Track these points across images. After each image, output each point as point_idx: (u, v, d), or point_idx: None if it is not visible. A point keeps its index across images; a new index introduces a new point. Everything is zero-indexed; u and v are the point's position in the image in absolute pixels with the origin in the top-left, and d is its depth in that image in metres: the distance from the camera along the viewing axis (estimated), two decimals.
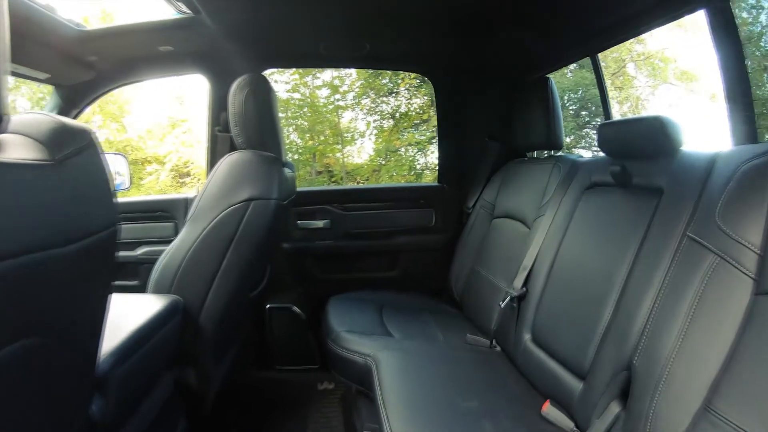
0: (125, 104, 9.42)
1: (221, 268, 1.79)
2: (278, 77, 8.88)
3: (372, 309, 2.40)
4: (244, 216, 1.79)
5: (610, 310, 1.48)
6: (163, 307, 1.64)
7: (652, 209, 1.46)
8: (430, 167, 9.17)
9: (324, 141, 9.28)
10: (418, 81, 8.95)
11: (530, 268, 1.97)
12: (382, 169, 9.11)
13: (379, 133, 9.29)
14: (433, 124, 8.65)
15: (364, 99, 9.22)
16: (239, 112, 1.92)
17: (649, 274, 1.34)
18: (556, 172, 2.16)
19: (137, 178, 9.14)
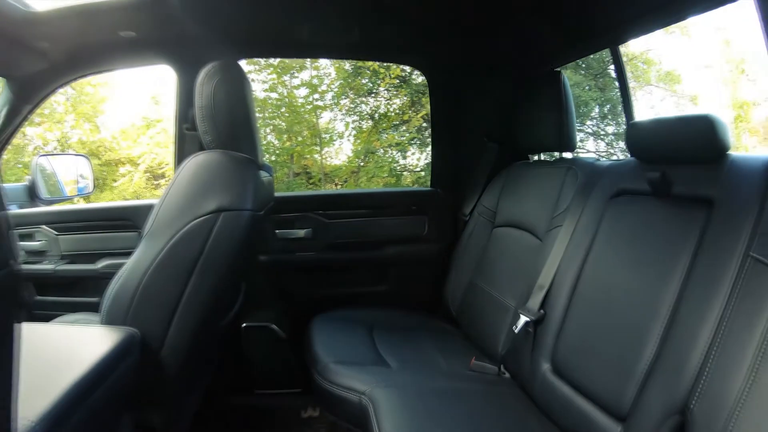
0: (99, 104, 9.24)
1: (185, 294, 1.52)
2: (255, 76, 8.78)
3: (362, 330, 2.16)
4: (211, 231, 1.52)
5: (655, 341, 1.28)
6: (116, 343, 1.38)
7: (701, 223, 1.28)
8: (409, 169, 9.13)
9: (302, 142, 9.17)
10: (398, 81, 8.85)
11: (548, 287, 1.73)
12: (361, 170, 9.04)
13: (358, 134, 9.21)
14: (414, 125, 8.79)
15: (343, 99, 9.14)
16: (207, 105, 1.64)
17: (704, 301, 1.15)
18: (571, 178, 1.94)
19: (110, 180, 9.06)
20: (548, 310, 1.70)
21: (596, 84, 8.75)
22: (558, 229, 1.83)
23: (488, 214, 2.40)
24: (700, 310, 1.16)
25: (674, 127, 1.48)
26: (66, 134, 9.11)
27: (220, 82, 1.65)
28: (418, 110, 8.81)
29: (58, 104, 9.03)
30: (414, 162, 9.14)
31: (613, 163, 1.82)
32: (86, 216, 2.41)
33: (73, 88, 9.04)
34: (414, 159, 9.15)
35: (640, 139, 1.60)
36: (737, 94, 8.48)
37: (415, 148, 9.07)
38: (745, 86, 8.47)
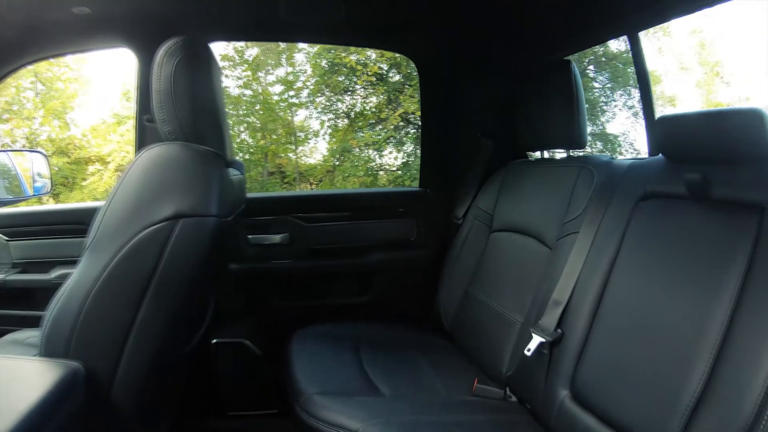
0: (70, 100, 8.89)
1: (137, 319, 1.26)
2: (229, 72, 8.63)
3: (347, 351, 1.93)
4: (167, 242, 1.26)
5: (705, 366, 1.09)
6: (54, 383, 1.12)
7: (753, 233, 1.13)
8: (385, 168, 8.98)
9: (276, 140, 9.03)
10: (375, 79, 8.70)
11: (566, 304, 1.52)
12: (336, 170, 8.91)
13: (333, 132, 9.06)
14: (391, 123, 8.63)
15: (319, 97, 8.97)
16: (166, 89, 1.36)
17: (765, 325, 1.01)
18: (586, 178, 1.74)
19: (79, 179, 8.75)
20: (566, 329, 1.49)
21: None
22: (573, 237, 1.63)
23: (484, 217, 2.20)
24: (762, 333, 1.01)
25: (715, 122, 1.29)
26: (35, 131, 8.81)
27: (183, 61, 1.38)
28: (395, 109, 8.67)
29: (27, 100, 8.73)
30: (391, 161, 9.03)
31: (636, 162, 1.62)
32: (40, 219, 2.20)
33: (42, 83, 8.77)
34: (391, 158, 9.04)
35: (672, 135, 1.40)
36: (711, 96, 8.54)
37: (392, 147, 8.94)
38: (720, 88, 8.54)
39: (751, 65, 7.97)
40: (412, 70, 8.44)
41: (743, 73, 8.28)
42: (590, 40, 2.22)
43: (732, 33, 8.32)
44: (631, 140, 9.09)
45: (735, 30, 8.37)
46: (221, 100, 1.59)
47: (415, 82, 8.42)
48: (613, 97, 9.11)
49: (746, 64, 8.13)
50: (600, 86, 9.03)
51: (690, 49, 8.52)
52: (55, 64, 8.54)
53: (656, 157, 1.51)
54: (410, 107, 8.34)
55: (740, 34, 8.74)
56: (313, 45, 8.58)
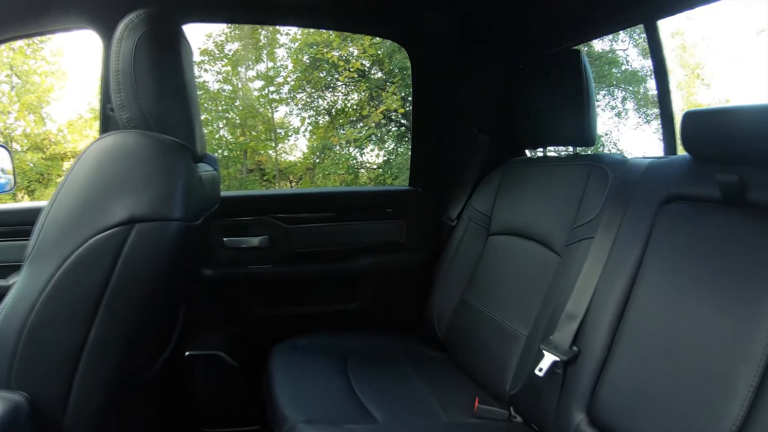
0: (46, 94, 8.81)
1: (89, 340, 1.06)
2: (209, 67, 8.67)
3: (334, 367, 1.77)
4: (121, 250, 1.05)
5: (746, 393, 0.97)
6: None
7: None
8: (366, 166, 9.05)
9: (256, 137, 9.00)
10: (357, 75, 8.73)
11: (582, 318, 1.37)
12: (317, 167, 8.92)
13: (314, 129, 9.09)
14: (373, 120, 8.73)
15: (300, 93, 9.00)
16: (125, 69, 1.16)
17: None
18: (599, 177, 1.59)
19: (55, 175, 8.69)
20: (583, 347, 1.33)
21: None
22: (586, 243, 1.48)
23: (481, 218, 2.05)
24: None
25: (752, 119, 1.16)
26: (10, 126, 8.72)
27: (146, 36, 1.18)
28: (377, 106, 8.70)
29: (2, 94, 8.65)
30: (372, 159, 9.06)
31: (656, 161, 1.48)
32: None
33: (18, 77, 8.67)
34: (372, 156, 9.10)
35: (702, 132, 1.27)
36: (692, 98, 8.74)
37: (373, 145, 8.98)
38: (701, 90, 8.70)
39: (731, 68, 8.10)
40: (394, 67, 8.40)
41: (723, 75, 8.42)
42: (601, 28, 2.08)
43: (713, 36, 8.47)
44: (615, 140, 9.15)
45: (716, 33, 8.54)
46: (192, 84, 1.39)
47: (397, 79, 8.35)
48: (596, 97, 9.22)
49: (726, 67, 8.25)
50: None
51: (672, 51, 8.70)
52: (32, 56, 8.43)
53: (679, 156, 1.38)
54: (392, 104, 8.34)
55: (721, 37, 8.92)
56: (294, 40, 8.47)
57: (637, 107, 9.02)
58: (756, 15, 7.13)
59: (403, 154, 8.58)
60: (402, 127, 8.74)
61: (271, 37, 8.70)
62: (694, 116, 1.27)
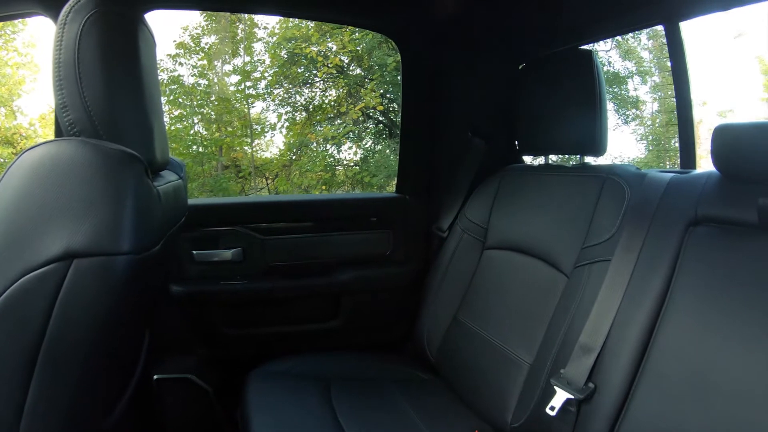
0: (17, 86, 8.46)
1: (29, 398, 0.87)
2: (184, 60, 8.50)
3: (316, 395, 1.62)
4: (58, 291, 0.86)
5: None
6: None
7: None
8: (343, 163, 8.99)
9: (232, 133, 8.86)
10: (336, 71, 8.67)
11: (599, 351, 1.24)
12: (293, 164, 8.84)
13: (291, 125, 9.00)
14: (351, 117, 8.66)
15: (277, 89, 8.89)
16: (68, 60, 0.96)
17: None
18: (614, 192, 1.46)
19: None
20: (600, 383, 1.20)
21: None
22: (601, 266, 1.35)
23: (476, 230, 1.92)
24: None
25: None
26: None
27: (94, 19, 0.98)
28: (356, 103, 8.65)
29: None
30: (350, 156, 9.07)
31: (679, 177, 1.36)
32: None
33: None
34: (350, 153, 9.07)
35: (736, 150, 1.15)
36: (669, 100, 8.90)
37: (351, 142, 9.02)
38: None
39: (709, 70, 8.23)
40: (374, 63, 8.33)
41: (701, 78, 8.55)
42: (616, 28, 1.96)
43: (691, 38, 8.59)
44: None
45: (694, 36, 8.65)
46: (153, 79, 1.20)
47: (376, 75, 8.31)
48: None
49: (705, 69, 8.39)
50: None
51: (649, 53, 8.99)
52: (3, 47, 8.22)
53: (706, 172, 1.27)
54: (371, 102, 8.32)
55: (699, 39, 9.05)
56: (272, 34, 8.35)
57: (617, 108, 9.07)
58: (734, 19, 7.26)
59: (382, 152, 8.55)
60: (380, 124, 8.68)
61: (248, 31, 8.67)
62: (726, 131, 1.15)
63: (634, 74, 9.34)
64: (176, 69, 8.40)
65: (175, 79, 8.26)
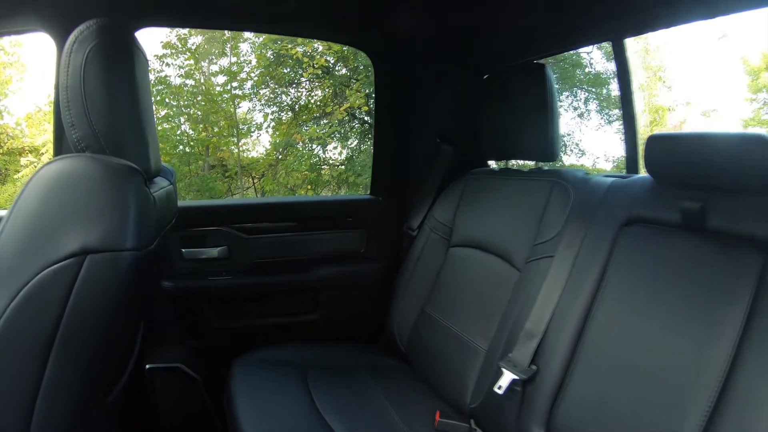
0: (3, 86, 8.33)
1: (46, 375, 1.03)
2: (171, 61, 8.36)
3: (295, 381, 1.74)
4: (73, 284, 1.02)
5: (702, 414, 1.01)
6: None
7: (757, 270, 1.06)
8: (329, 163, 8.96)
9: (218, 133, 8.79)
10: (321, 72, 8.59)
11: (541, 337, 1.39)
12: (279, 164, 8.76)
13: (277, 125, 8.94)
14: (336, 118, 8.61)
15: (263, 89, 8.82)
16: (75, 84, 1.10)
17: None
18: (560, 195, 1.61)
19: (13, 171, 8.32)
20: (542, 365, 1.35)
21: None
22: (547, 261, 1.50)
23: (442, 229, 2.04)
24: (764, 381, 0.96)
25: (718, 147, 1.20)
26: None
27: (97, 49, 1.12)
28: (341, 103, 8.60)
29: None
30: (335, 156, 9.01)
31: (618, 181, 1.50)
32: None
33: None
34: (335, 153, 9.02)
35: (665, 156, 1.29)
36: (653, 99, 8.80)
37: (337, 142, 8.94)
38: (662, 92, 8.82)
39: (693, 71, 8.23)
40: (359, 64, 8.36)
41: (685, 78, 8.54)
42: (569, 43, 2.08)
43: (675, 40, 8.63)
44: (576, 140, 9.23)
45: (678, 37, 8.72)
46: (146, 96, 1.34)
47: (362, 76, 8.33)
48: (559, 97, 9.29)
49: (688, 70, 8.38)
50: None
51: (635, 53, 8.77)
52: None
53: (641, 177, 1.41)
54: (356, 102, 8.28)
55: (683, 41, 9.06)
56: (258, 35, 8.37)
57: (600, 108, 9.11)
58: (718, 21, 7.29)
59: (367, 152, 8.55)
60: (366, 124, 8.71)
61: (234, 32, 8.57)
62: (658, 140, 1.29)
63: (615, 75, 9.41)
64: (163, 69, 8.30)
65: (162, 80, 8.18)
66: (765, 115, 6.09)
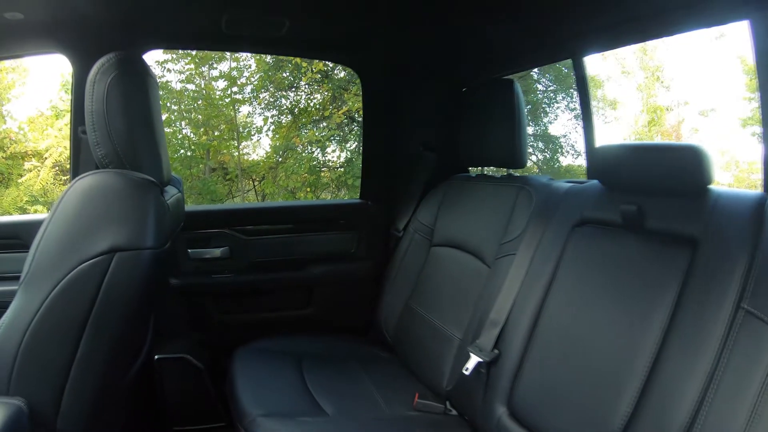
0: (6, 91, 8.49)
1: (78, 354, 1.23)
2: (172, 66, 8.43)
3: (290, 367, 1.91)
4: (104, 276, 1.23)
5: (633, 393, 1.15)
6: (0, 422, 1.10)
7: (684, 265, 1.18)
8: (329, 165, 9.00)
9: (219, 136, 8.85)
10: (320, 76, 8.69)
11: (503, 324, 1.56)
12: (279, 167, 8.82)
13: (276, 128, 9.00)
14: (335, 122, 8.63)
15: (263, 93, 8.90)
16: (99, 110, 1.30)
17: (692, 353, 1.07)
18: (525, 199, 1.78)
19: (16, 175, 8.37)
20: (503, 349, 1.53)
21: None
22: (510, 258, 1.67)
23: (425, 230, 2.21)
24: (688, 362, 1.07)
25: (653, 155, 1.36)
26: None
27: (117, 79, 1.32)
28: (340, 106, 8.66)
29: None
30: (334, 159, 9.05)
31: (574, 186, 1.67)
32: None
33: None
34: (333, 156, 9.07)
35: (608, 165, 1.46)
36: (651, 99, 8.90)
37: (336, 145, 8.97)
38: (660, 92, 8.87)
39: (690, 70, 8.27)
40: None
41: (682, 78, 8.56)
42: (534, 61, 2.25)
43: (673, 40, 8.68)
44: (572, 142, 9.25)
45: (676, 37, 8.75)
46: (158, 117, 1.53)
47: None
48: (555, 99, 9.30)
49: (686, 69, 8.41)
50: (543, 88, 9.22)
51: (633, 53, 8.82)
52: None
53: (593, 183, 1.56)
54: (354, 105, 8.29)
55: (681, 40, 9.11)
56: None
57: (596, 109, 9.19)
58: None
59: None
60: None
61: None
62: (604, 150, 1.47)
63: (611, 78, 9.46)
64: (164, 75, 8.39)
65: (163, 85, 8.25)
66: None
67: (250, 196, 9.11)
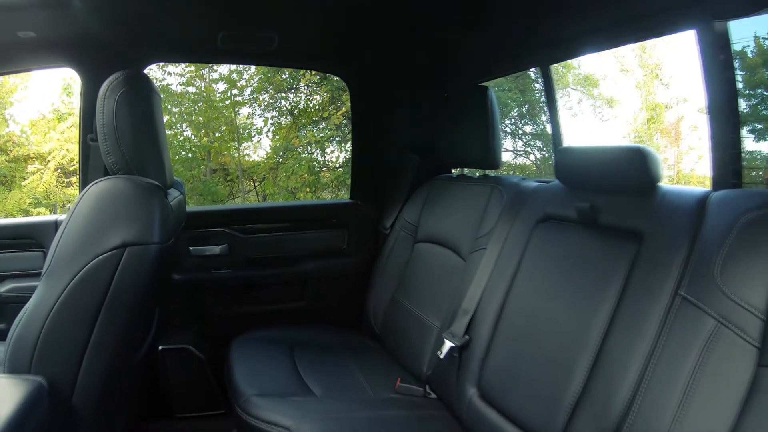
0: (9, 94, 8.55)
1: (92, 337, 1.39)
2: (172, 69, 8.44)
3: (283, 354, 2.05)
4: (117, 268, 1.39)
5: (583, 373, 1.28)
6: (23, 397, 1.25)
7: (631, 256, 1.30)
8: (328, 166, 9.06)
9: (219, 138, 8.87)
10: (319, 77, 8.72)
11: (473, 312, 1.71)
12: (279, 167, 8.85)
13: (276, 130, 9.03)
14: (334, 122, 8.68)
15: (263, 95, 8.94)
16: (109, 122, 1.47)
17: (634, 336, 1.18)
18: (496, 197, 1.92)
19: (19, 178, 8.43)
20: (473, 335, 1.67)
21: (516, 85, 8.92)
22: (482, 252, 1.81)
23: (410, 228, 2.35)
24: (630, 345, 1.18)
25: (605, 157, 1.48)
26: None
27: (124, 95, 1.48)
28: (339, 107, 8.73)
29: None
30: (333, 159, 9.09)
31: (540, 186, 1.81)
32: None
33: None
34: (333, 157, 9.11)
35: (568, 165, 1.60)
36: (650, 97, 8.94)
37: (335, 146, 9.01)
38: (659, 90, 8.94)
39: (690, 68, 8.26)
40: None
41: (681, 76, 8.56)
42: (503, 70, 2.39)
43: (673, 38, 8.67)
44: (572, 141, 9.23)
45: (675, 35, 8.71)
46: (162, 128, 1.68)
47: None
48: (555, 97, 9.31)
49: (685, 67, 8.40)
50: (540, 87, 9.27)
51: (632, 51, 8.82)
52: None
53: (556, 182, 1.68)
54: None
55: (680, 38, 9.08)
56: None
57: (593, 107, 9.24)
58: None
59: None
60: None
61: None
62: (563, 152, 1.61)
63: (606, 77, 9.50)
64: (165, 78, 8.46)
65: (164, 88, 8.33)
66: (764, 110, 6.13)
67: (250, 197, 9.15)
